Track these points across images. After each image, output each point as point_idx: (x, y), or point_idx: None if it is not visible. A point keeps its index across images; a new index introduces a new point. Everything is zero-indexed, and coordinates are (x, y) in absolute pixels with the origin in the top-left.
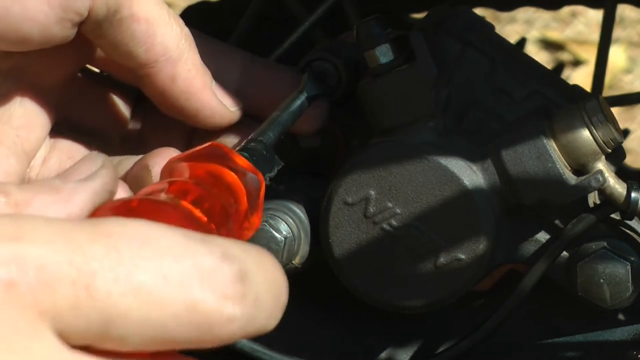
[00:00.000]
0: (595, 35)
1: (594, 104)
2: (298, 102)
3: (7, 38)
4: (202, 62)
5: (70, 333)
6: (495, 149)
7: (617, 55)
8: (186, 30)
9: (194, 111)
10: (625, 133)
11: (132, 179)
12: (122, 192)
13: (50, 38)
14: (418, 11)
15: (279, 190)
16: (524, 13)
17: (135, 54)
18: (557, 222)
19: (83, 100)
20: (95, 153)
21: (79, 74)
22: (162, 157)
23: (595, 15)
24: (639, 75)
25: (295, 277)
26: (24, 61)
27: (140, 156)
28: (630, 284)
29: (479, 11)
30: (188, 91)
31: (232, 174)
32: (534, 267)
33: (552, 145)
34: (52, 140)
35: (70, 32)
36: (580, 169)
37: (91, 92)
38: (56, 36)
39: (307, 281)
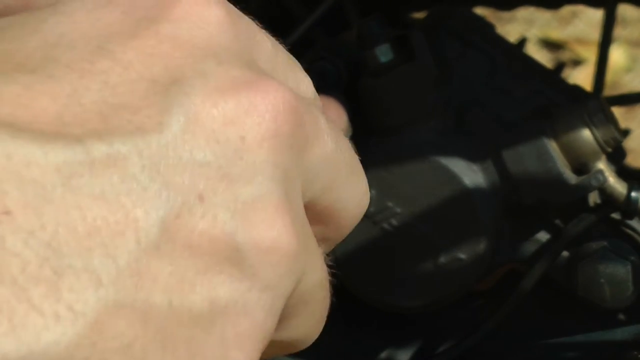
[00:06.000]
0: (596, 35)
1: (595, 104)
2: None
3: None
4: None
5: None
6: (496, 148)
7: (618, 55)
8: None
9: None
10: (626, 133)
11: None
12: None
13: None
14: (418, 11)
15: None
16: (525, 12)
17: None
18: (557, 221)
19: None
20: None
21: None
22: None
23: (597, 14)
24: (639, 73)
25: None
26: None
27: None
28: (630, 284)
29: (479, 10)
30: None
31: None
32: (534, 267)
33: (552, 145)
34: None
35: None
36: (580, 169)
37: None
38: None
39: None
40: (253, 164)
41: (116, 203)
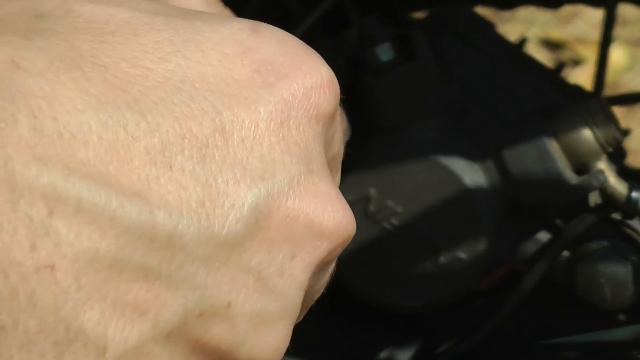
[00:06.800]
0: (596, 34)
1: (595, 104)
2: None
3: None
4: None
5: None
6: (496, 148)
7: (618, 55)
8: None
9: None
10: (626, 132)
11: None
12: None
13: None
14: (418, 10)
15: None
16: (525, 12)
17: None
18: (557, 221)
19: None
20: None
21: None
22: None
23: (597, 14)
24: (639, 72)
25: None
26: None
27: None
28: (630, 284)
29: (479, 10)
30: None
31: None
32: (534, 267)
33: (553, 145)
34: None
35: None
36: (581, 169)
37: None
38: None
39: None
40: (289, 285)
41: (153, 284)
